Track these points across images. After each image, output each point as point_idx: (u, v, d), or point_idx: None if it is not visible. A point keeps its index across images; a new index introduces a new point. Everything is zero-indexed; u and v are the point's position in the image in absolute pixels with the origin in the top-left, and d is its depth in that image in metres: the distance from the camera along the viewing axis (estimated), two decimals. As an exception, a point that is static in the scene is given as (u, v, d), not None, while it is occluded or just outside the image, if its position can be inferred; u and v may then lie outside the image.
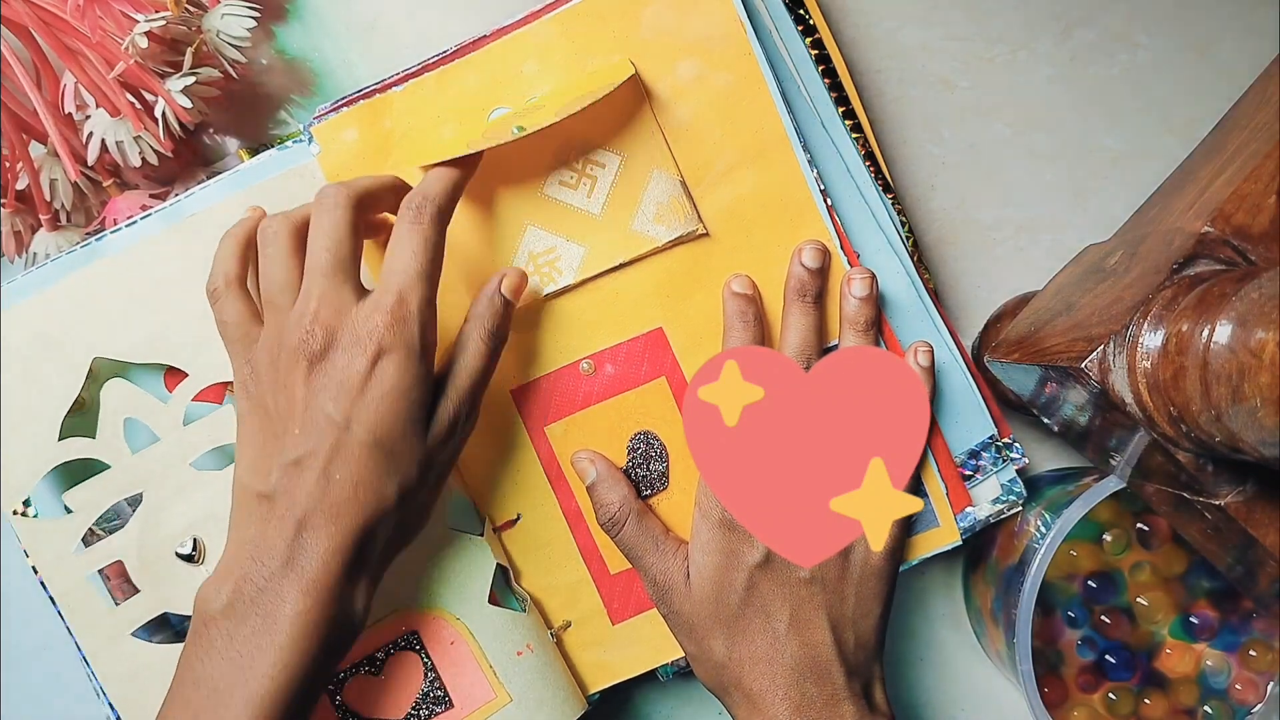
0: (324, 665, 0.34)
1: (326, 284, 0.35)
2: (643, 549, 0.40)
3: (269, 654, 0.33)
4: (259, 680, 0.33)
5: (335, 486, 0.34)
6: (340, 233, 0.35)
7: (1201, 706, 0.44)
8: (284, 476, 0.34)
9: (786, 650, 0.38)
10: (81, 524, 0.41)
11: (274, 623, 0.33)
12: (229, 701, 0.33)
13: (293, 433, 0.34)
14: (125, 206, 0.43)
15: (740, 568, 0.38)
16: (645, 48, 0.40)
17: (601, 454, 0.41)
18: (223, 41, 0.42)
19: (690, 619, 0.39)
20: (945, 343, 0.42)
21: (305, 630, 0.33)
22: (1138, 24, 0.45)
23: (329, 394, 0.34)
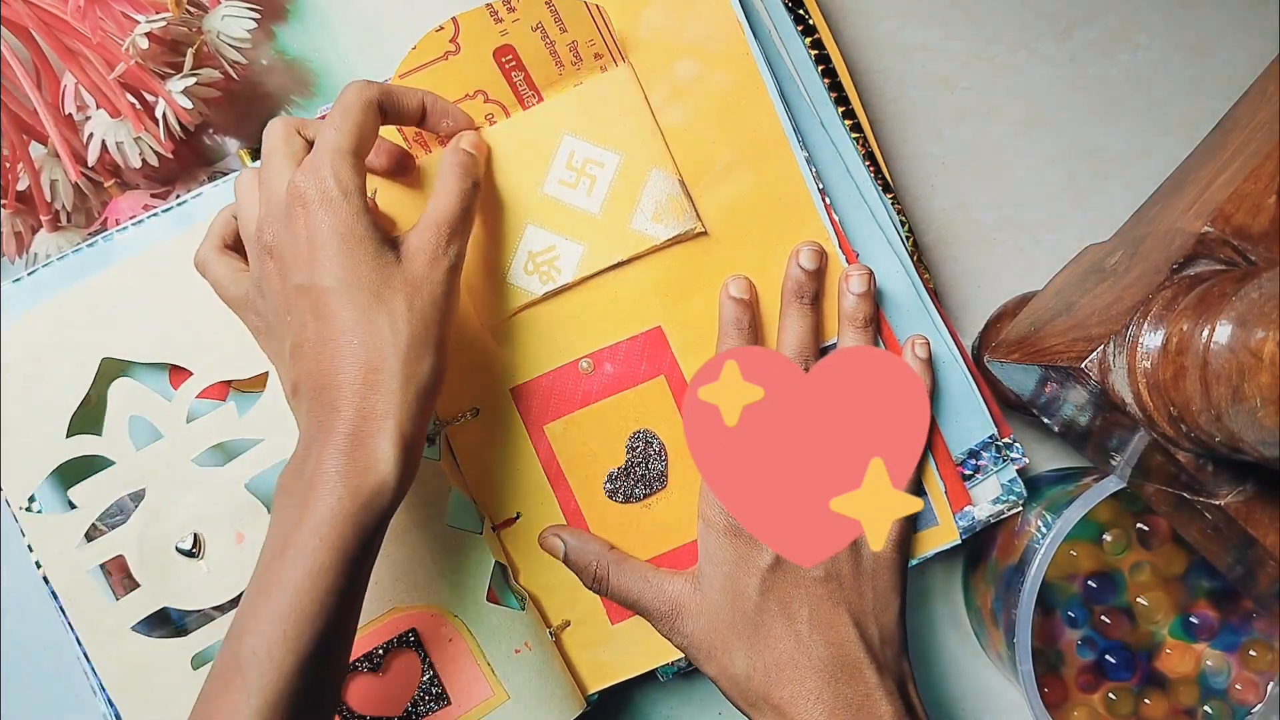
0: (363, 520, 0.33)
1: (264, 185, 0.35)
2: (634, 590, 0.40)
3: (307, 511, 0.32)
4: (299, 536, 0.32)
5: (326, 343, 0.34)
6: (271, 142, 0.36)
7: (1201, 706, 0.44)
8: (294, 364, 0.34)
9: (812, 652, 0.37)
10: (85, 519, 0.41)
11: (312, 481, 0.33)
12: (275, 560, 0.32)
13: (285, 321, 0.35)
14: (126, 207, 0.43)
15: (752, 573, 0.38)
16: (644, 48, 0.40)
17: (563, 526, 0.42)
18: (223, 42, 0.42)
19: (706, 638, 0.38)
20: (945, 342, 0.42)
21: (337, 482, 0.32)
22: (1138, 24, 0.45)
23: (289, 269, 0.34)
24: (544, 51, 0.38)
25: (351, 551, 0.33)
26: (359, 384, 0.33)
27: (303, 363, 0.34)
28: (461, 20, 0.38)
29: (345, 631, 0.34)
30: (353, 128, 0.35)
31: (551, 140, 0.40)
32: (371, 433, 0.33)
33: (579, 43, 0.38)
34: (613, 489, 0.42)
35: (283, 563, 0.32)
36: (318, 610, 0.32)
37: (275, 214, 0.35)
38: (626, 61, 0.40)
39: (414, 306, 0.35)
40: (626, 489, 0.42)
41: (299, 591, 0.32)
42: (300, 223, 0.34)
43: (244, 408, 0.41)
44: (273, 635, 0.31)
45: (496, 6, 0.37)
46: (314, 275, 0.34)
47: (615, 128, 0.40)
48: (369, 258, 0.34)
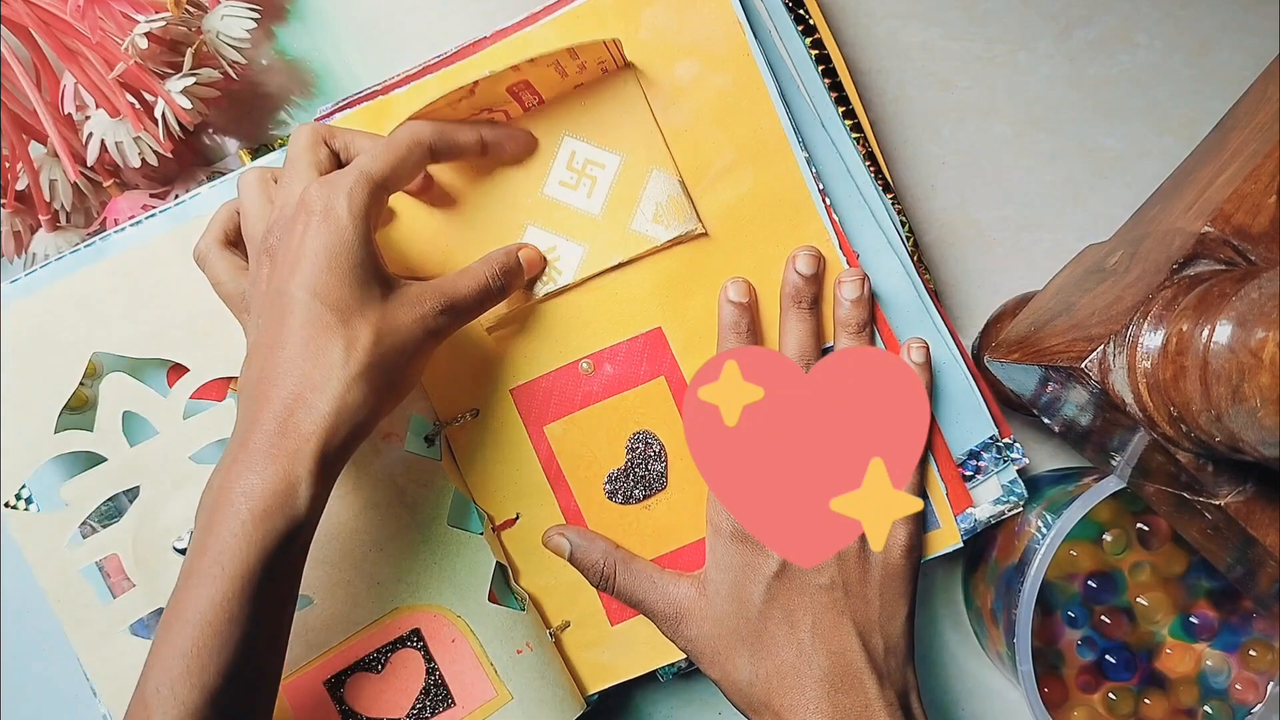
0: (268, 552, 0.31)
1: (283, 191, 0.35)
2: (640, 590, 0.40)
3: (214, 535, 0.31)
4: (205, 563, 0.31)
5: (281, 351, 0.33)
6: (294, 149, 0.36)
7: (1201, 706, 0.44)
8: (246, 364, 0.34)
9: (814, 661, 0.37)
10: (75, 517, 0.41)
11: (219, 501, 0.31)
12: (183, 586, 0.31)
13: (257, 323, 0.34)
14: (125, 207, 0.43)
15: (758, 579, 0.37)
16: (645, 48, 0.40)
17: (567, 525, 0.42)
18: (222, 42, 0.42)
19: (710, 642, 0.38)
20: (945, 342, 0.42)
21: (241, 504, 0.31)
22: (1138, 24, 0.45)
23: (275, 271, 0.34)
24: (553, 72, 0.38)
25: (256, 578, 0.31)
26: (289, 400, 0.32)
27: (250, 367, 0.33)
28: (484, 82, 0.37)
29: (259, 661, 0.32)
30: (392, 161, 0.35)
31: (552, 141, 0.40)
32: (288, 451, 0.32)
33: (588, 63, 0.38)
34: (612, 490, 0.42)
35: (186, 593, 0.31)
36: (221, 643, 0.30)
37: (284, 219, 0.35)
38: (628, 64, 0.40)
39: (379, 343, 0.33)
40: (626, 490, 0.42)
41: (201, 624, 0.30)
42: (299, 230, 0.34)
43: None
44: (175, 671, 0.30)
45: (521, 65, 0.36)
46: (290, 282, 0.33)
47: (616, 129, 0.40)
48: (352, 283, 0.33)
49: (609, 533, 0.42)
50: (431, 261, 0.41)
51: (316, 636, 0.40)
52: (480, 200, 0.41)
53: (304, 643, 0.40)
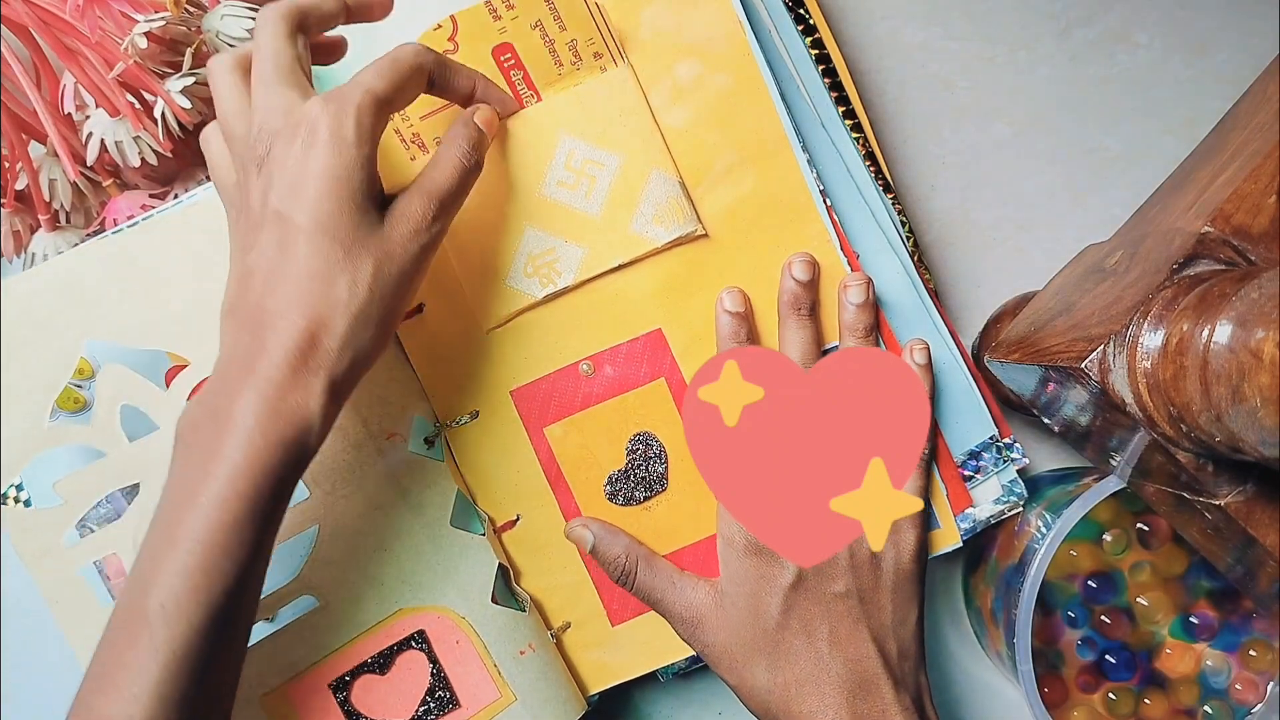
0: (277, 471, 0.32)
1: (268, 91, 0.34)
2: (659, 591, 0.40)
3: (220, 456, 0.31)
4: (210, 482, 0.31)
5: (281, 281, 0.32)
6: (277, 42, 0.34)
7: (1201, 706, 0.44)
8: (239, 285, 0.33)
9: (832, 669, 0.37)
10: (72, 515, 0.40)
11: (226, 424, 0.31)
12: (185, 505, 0.31)
13: (249, 239, 0.34)
14: (125, 206, 0.43)
15: (774, 591, 0.37)
16: (644, 48, 0.40)
17: (591, 517, 0.42)
18: (222, 42, 0.42)
19: (726, 650, 0.38)
20: (945, 343, 0.42)
21: (253, 428, 0.31)
22: (1137, 24, 0.45)
23: (272, 189, 0.33)
24: (543, 50, 0.38)
25: (265, 502, 0.31)
26: (297, 333, 0.32)
27: (249, 290, 0.33)
28: (460, 18, 0.37)
29: (256, 580, 0.33)
30: (396, 80, 0.34)
31: (549, 140, 0.40)
32: (299, 384, 0.32)
33: (578, 41, 0.38)
34: (613, 491, 0.42)
35: (193, 512, 0.31)
36: (229, 564, 0.31)
37: (276, 128, 0.33)
38: (626, 61, 0.40)
39: (380, 275, 0.34)
40: (627, 491, 0.42)
41: (210, 545, 0.30)
42: (300, 149, 0.33)
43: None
44: (181, 589, 0.30)
45: (495, 4, 0.37)
46: (294, 207, 0.32)
47: (615, 128, 0.40)
48: (354, 211, 0.33)
49: (609, 533, 0.42)
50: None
51: (321, 638, 0.40)
52: (477, 201, 0.41)
53: (309, 644, 0.40)
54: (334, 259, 0.33)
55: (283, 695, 0.40)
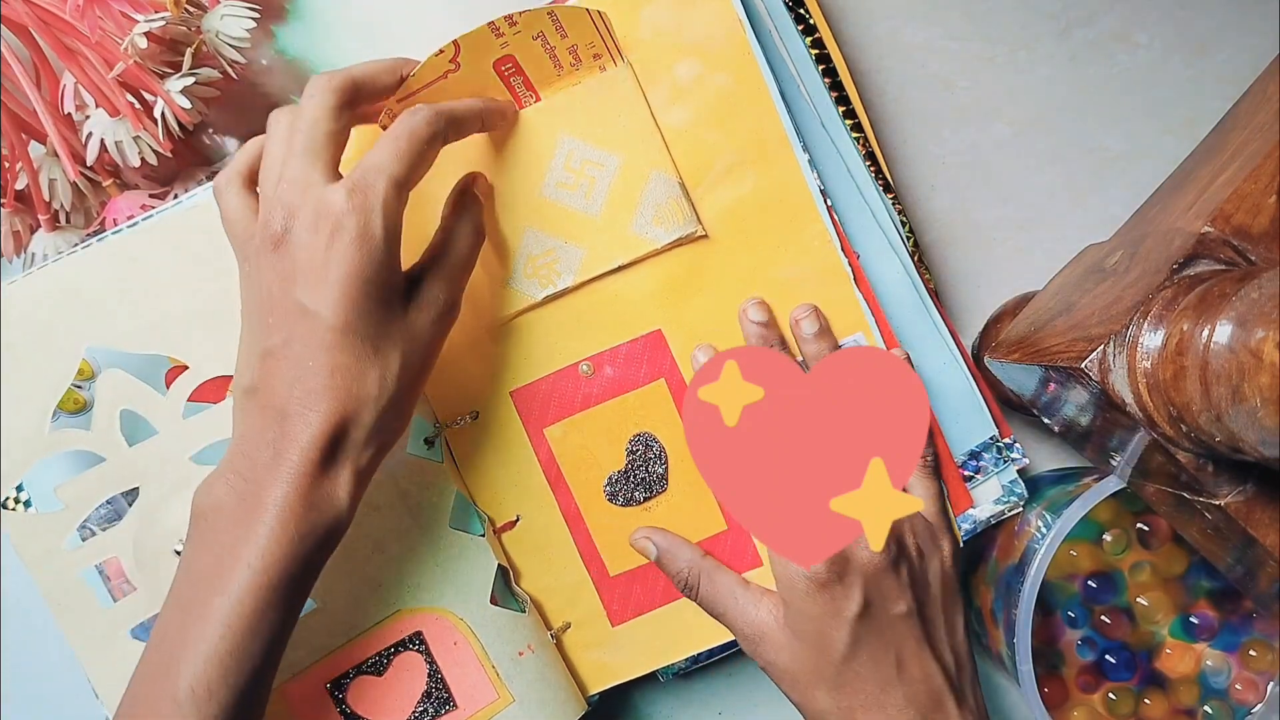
0: (307, 558, 0.33)
1: (295, 163, 0.34)
2: (723, 604, 0.39)
3: (251, 543, 0.32)
4: (242, 568, 0.32)
5: (310, 374, 0.33)
6: (317, 114, 0.34)
7: (1201, 706, 0.44)
8: (261, 368, 0.34)
9: (898, 691, 0.36)
10: (74, 519, 0.40)
11: (256, 511, 0.32)
12: (215, 589, 0.32)
13: (267, 322, 0.34)
14: (125, 206, 0.43)
15: (842, 625, 0.36)
16: (644, 48, 0.40)
17: (656, 528, 0.41)
18: (222, 42, 0.42)
19: (788, 671, 0.38)
20: (945, 343, 0.42)
21: (286, 518, 0.32)
22: (1137, 24, 0.45)
23: (294, 279, 0.33)
24: (543, 55, 0.38)
25: (295, 586, 0.33)
26: (328, 427, 0.33)
27: (273, 376, 0.33)
28: (463, 42, 0.37)
29: (281, 649, 0.34)
30: (415, 160, 0.34)
31: (549, 141, 0.40)
32: (329, 476, 0.33)
33: (579, 46, 0.38)
34: (613, 492, 0.42)
35: (222, 597, 0.32)
36: (259, 646, 0.32)
37: (295, 205, 0.33)
38: (626, 62, 0.40)
39: (407, 365, 0.35)
40: (627, 492, 0.42)
41: (241, 632, 0.32)
42: (325, 243, 0.33)
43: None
44: (213, 674, 0.32)
45: (499, 23, 0.37)
46: (320, 304, 0.33)
47: (614, 129, 0.40)
48: (380, 307, 0.34)
49: (609, 535, 0.42)
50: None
51: (319, 639, 0.40)
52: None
53: (306, 645, 0.40)
54: (363, 355, 0.33)
55: (281, 695, 0.40)
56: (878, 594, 0.36)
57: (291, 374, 0.33)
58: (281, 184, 0.34)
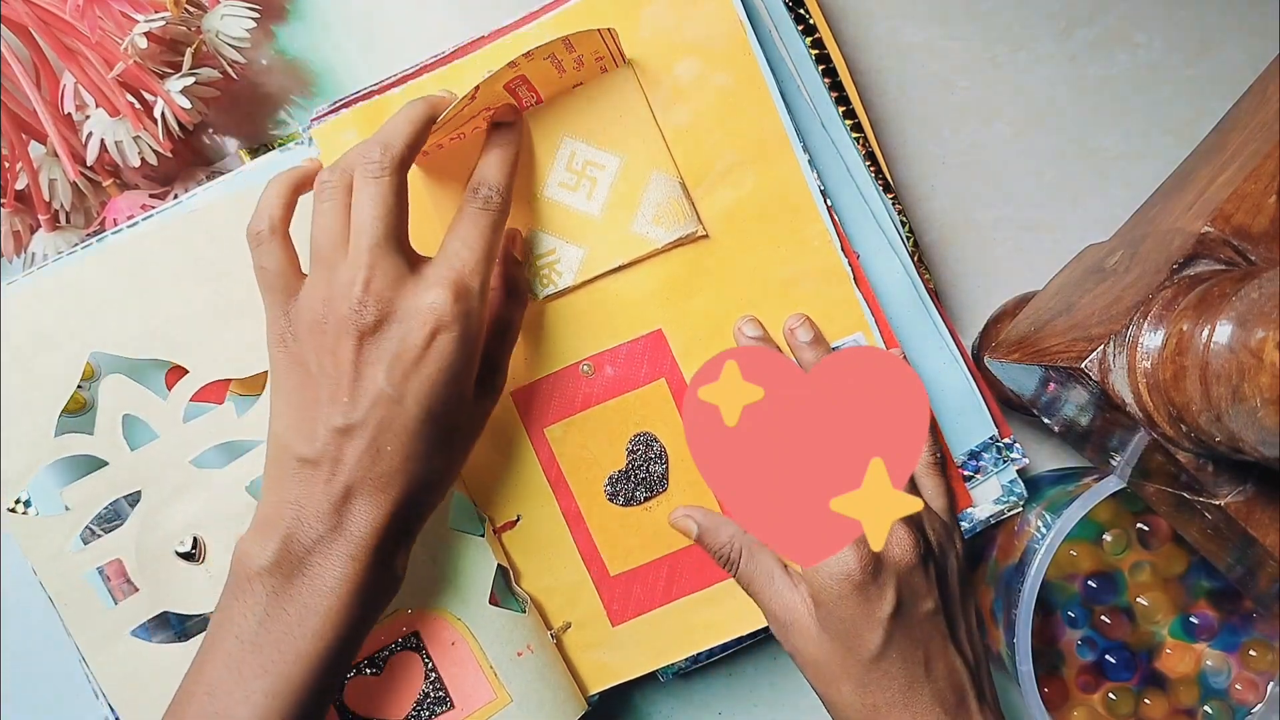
0: (366, 623, 0.36)
1: (378, 254, 0.34)
2: (760, 583, 0.39)
3: (318, 616, 0.34)
4: (309, 640, 0.34)
5: (385, 458, 0.34)
6: (389, 201, 0.34)
7: (1201, 706, 0.44)
8: (331, 443, 0.34)
9: (925, 689, 0.36)
10: (78, 521, 0.41)
11: (323, 585, 0.34)
12: (277, 658, 0.34)
13: (341, 400, 0.34)
14: (125, 206, 0.43)
15: (874, 625, 0.36)
16: (644, 48, 0.40)
17: (696, 506, 0.41)
18: (222, 42, 0.42)
19: (814, 661, 0.38)
20: (945, 343, 0.42)
21: (352, 593, 0.34)
22: (1138, 24, 0.45)
23: (382, 366, 0.34)
24: (550, 67, 0.38)
25: (349, 655, 0.35)
26: (397, 509, 0.35)
27: (346, 455, 0.34)
28: (483, 86, 0.36)
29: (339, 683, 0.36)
30: (491, 255, 0.36)
31: (551, 142, 0.40)
32: (390, 552, 0.35)
33: (584, 55, 0.38)
34: (613, 492, 0.42)
35: (278, 675, 0.34)
36: (313, 703, 0.34)
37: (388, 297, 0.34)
38: (627, 63, 0.40)
39: (467, 446, 0.38)
40: (627, 492, 0.42)
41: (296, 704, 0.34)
42: (426, 340, 0.34)
43: (242, 408, 0.41)
44: (268, 710, 0.33)
45: (517, 60, 0.36)
46: (409, 394, 0.34)
47: (615, 129, 0.40)
48: (463, 400, 0.36)
49: (609, 534, 0.42)
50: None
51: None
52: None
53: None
54: (437, 443, 0.35)
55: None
56: (909, 592, 0.36)
57: (367, 456, 0.34)
58: (363, 271, 0.34)
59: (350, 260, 0.34)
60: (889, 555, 0.36)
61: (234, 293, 0.40)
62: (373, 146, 0.35)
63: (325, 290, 0.35)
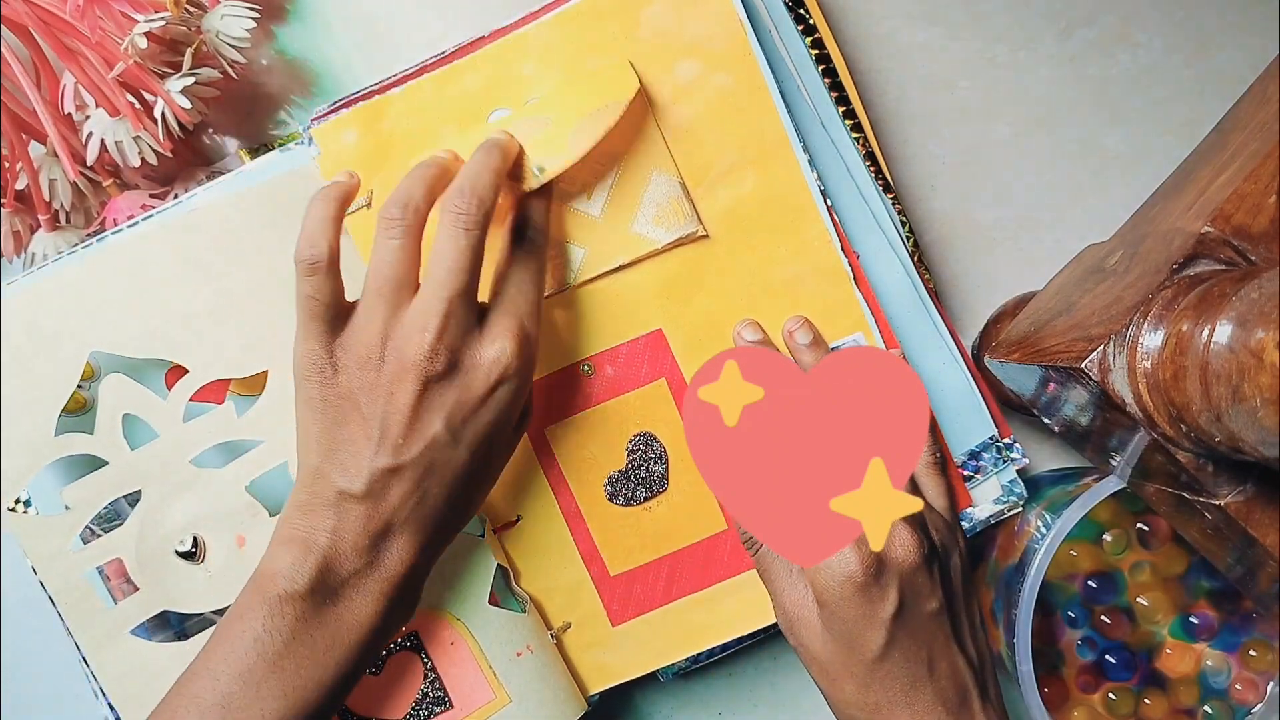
0: (380, 649, 0.37)
1: (456, 305, 0.35)
2: (775, 573, 0.39)
3: (343, 649, 0.35)
4: (330, 669, 0.34)
5: (429, 499, 0.35)
6: (475, 255, 0.35)
7: (1201, 706, 0.44)
8: (377, 481, 0.35)
9: (928, 688, 0.36)
10: (79, 521, 0.40)
11: (353, 619, 0.35)
12: (298, 684, 0.34)
13: (393, 440, 0.34)
14: (125, 206, 0.43)
15: (877, 626, 0.36)
16: (644, 48, 0.40)
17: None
18: (222, 42, 0.42)
19: (819, 659, 0.38)
20: (945, 343, 0.42)
21: (378, 628, 0.35)
22: (1138, 24, 0.45)
23: (443, 413, 0.35)
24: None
25: (368, 663, 0.36)
26: (427, 545, 0.36)
27: (392, 492, 0.35)
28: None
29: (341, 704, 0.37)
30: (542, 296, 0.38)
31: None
32: (412, 587, 0.36)
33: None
34: (613, 491, 0.42)
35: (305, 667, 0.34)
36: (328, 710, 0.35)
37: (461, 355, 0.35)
38: (627, 63, 0.40)
39: (497, 477, 0.39)
40: (627, 491, 0.42)
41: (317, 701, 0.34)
42: (489, 388, 0.35)
43: (242, 408, 0.41)
44: None
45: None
46: (465, 439, 0.35)
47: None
48: (508, 439, 0.38)
49: (609, 535, 0.42)
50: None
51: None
52: None
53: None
54: (477, 482, 0.37)
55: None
56: (912, 593, 0.36)
57: (412, 498, 0.35)
58: (437, 319, 0.34)
59: (423, 306, 0.35)
60: (892, 556, 0.36)
61: (234, 292, 0.40)
62: (467, 197, 0.35)
63: (384, 329, 0.35)
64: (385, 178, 0.40)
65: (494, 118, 0.40)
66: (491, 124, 0.40)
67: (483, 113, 0.40)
